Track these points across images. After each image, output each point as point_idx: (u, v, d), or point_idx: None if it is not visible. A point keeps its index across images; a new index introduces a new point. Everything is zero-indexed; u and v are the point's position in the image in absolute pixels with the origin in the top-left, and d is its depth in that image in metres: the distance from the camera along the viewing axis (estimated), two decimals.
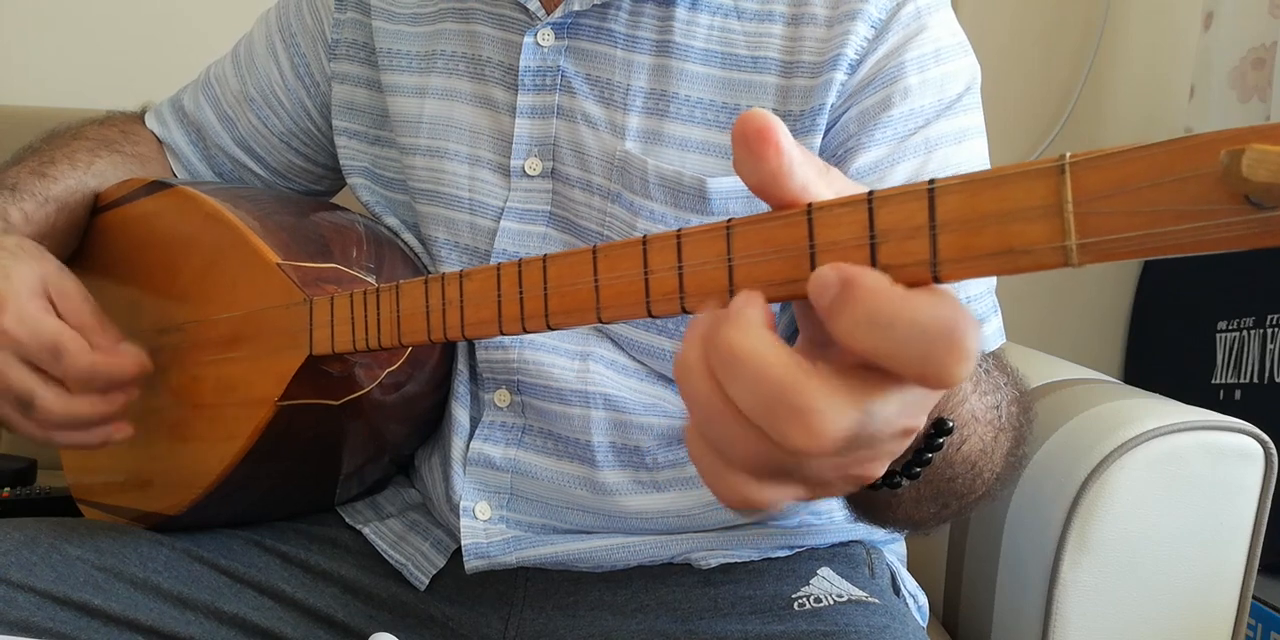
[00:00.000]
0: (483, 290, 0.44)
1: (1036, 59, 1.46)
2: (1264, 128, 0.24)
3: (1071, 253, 0.27)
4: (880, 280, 0.29)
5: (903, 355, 0.28)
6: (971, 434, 0.48)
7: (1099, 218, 0.26)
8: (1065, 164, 0.27)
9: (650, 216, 0.64)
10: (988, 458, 0.51)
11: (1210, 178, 0.25)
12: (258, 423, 0.60)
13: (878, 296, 0.28)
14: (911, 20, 0.63)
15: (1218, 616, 0.77)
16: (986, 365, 0.52)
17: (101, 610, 0.63)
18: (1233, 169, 0.24)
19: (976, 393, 0.48)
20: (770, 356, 0.29)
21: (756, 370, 0.29)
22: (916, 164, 0.62)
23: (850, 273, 0.29)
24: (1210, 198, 0.25)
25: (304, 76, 0.80)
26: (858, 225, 0.30)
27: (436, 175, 0.71)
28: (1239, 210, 0.24)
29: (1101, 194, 0.26)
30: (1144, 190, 0.26)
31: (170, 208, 0.71)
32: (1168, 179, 0.25)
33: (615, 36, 0.67)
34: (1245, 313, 1.23)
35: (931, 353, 0.28)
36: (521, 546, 0.68)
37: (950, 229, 0.29)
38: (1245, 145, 0.24)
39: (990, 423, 0.50)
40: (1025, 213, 0.28)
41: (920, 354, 0.28)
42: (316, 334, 0.57)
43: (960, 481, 0.51)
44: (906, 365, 0.28)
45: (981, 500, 0.55)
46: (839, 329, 0.29)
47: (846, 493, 0.34)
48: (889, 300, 0.28)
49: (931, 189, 0.29)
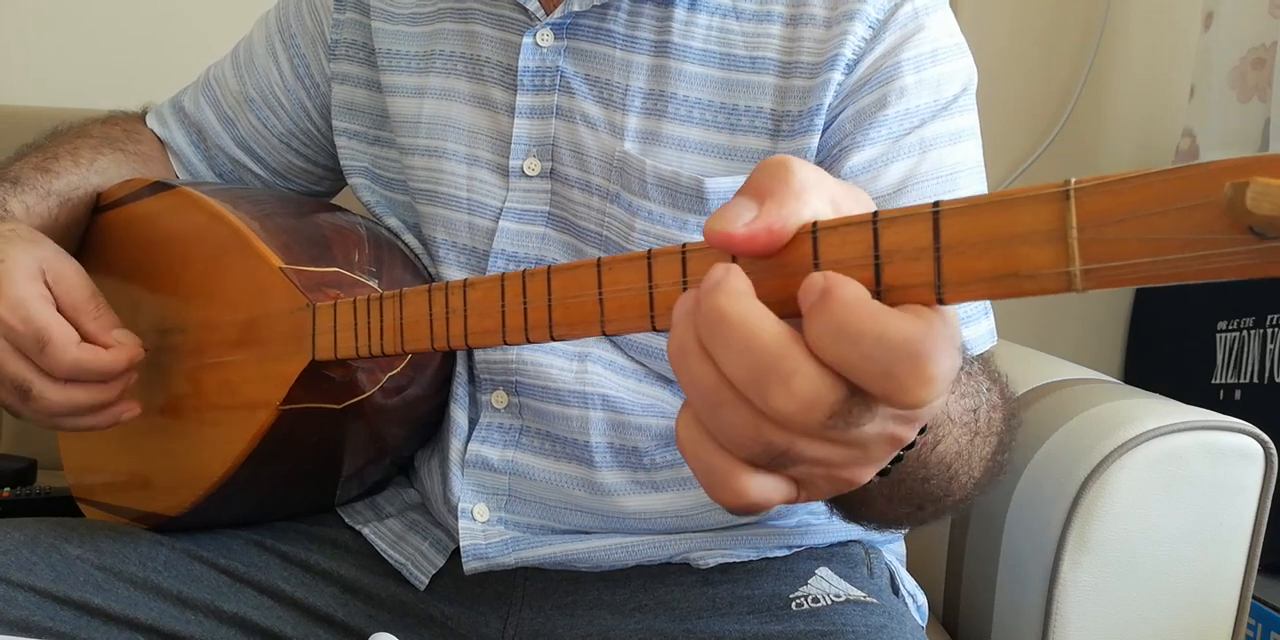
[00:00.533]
0: (486, 300, 0.44)
1: (1036, 59, 1.46)
2: (1271, 158, 0.24)
3: (1075, 278, 0.27)
4: (858, 293, 0.29)
5: (864, 369, 0.28)
6: (946, 435, 0.48)
7: (1103, 244, 0.26)
8: (1070, 190, 0.27)
9: (648, 217, 0.64)
10: (963, 461, 0.51)
11: (1215, 207, 0.25)
12: (259, 426, 0.60)
13: (850, 309, 0.29)
14: (909, 20, 0.63)
15: (1218, 616, 0.77)
16: (970, 368, 0.51)
17: (101, 610, 0.63)
18: (1236, 201, 0.24)
19: (954, 395, 0.47)
20: (760, 322, 0.30)
21: (746, 336, 0.30)
22: (910, 164, 0.62)
23: (832, 282, 0.29)
24: (1214, 227, 0.25)
25: (304, 77, 0.80)
26: (862, 245, 0.31)
27: (435, 175, 0.71)
28: (1242, 240, 0.24)
29: (1106, 220, 0.26)
30: (1149, 217, 0.26)
31: (172, 208, 0.71)
32: (1173, 207, 0.25)
33: (614, 37, 0.67)
34: (1245, 313, 1.23)
35: (893, 371, 0.28)
36: (520, 547, 0.68)
37: (955, 252, 0.29)
38: (1250, 178, 0.24)
39: (967, 426, 0.49)
40: (1029, 237, 0.28)
41: (881, 371, 0.28)
42: (319, 339, 0.57)
43: (935, 483, 0.51)
44: (869, 380, 0.28)
45: (959, 503, 0.54)
46: (810, 335, 0.29)
47: (831, 495, 0.34)
48: (861, 314, 0.29)
49: (936, 211, 0.29)
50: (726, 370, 0.30)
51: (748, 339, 0.30)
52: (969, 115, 0.65)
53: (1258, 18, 1.24)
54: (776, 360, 0.29)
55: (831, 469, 0.32)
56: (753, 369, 0.29)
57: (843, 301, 0.29)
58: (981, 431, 0.51)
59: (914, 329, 0.28)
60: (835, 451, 0.31)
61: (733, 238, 0.32)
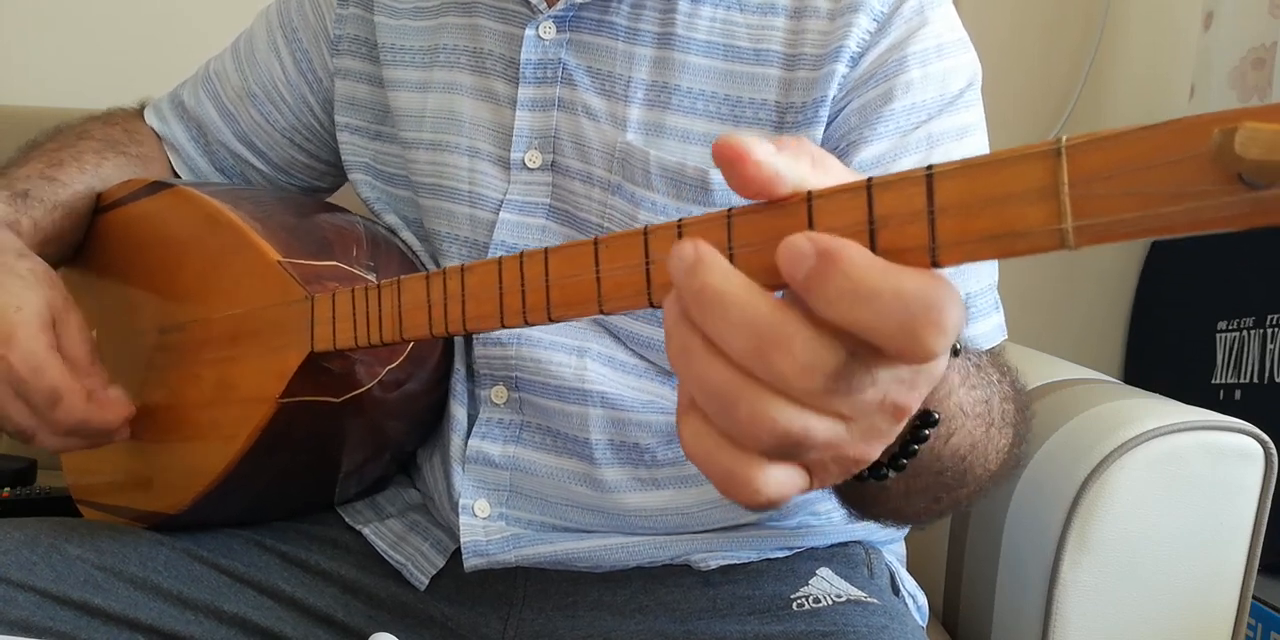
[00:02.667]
0: (484, 284, 0.44)
1: (1037, 58, 1.46)
2: (1257, 108, 0.24)
3: (1068, 235, 0.27)
4: (863, 252, 0.29)
5: (884, 327, 0.28)
6: (959, 427, 0.48)
7: (1095, 200, 0.27)
8: (1062, 147, 0.27)
9: (652, 207, 0.65)
10: (978, 452, 0.51)
11: (1204, 157, 0.25)
12: (259, 420, 0.60)
13: (861, 268, 0.28)
14: (914, 14, 0.63)
15: (1218, 616, 0.77)
16: (979, 360, 0.51)
17: (101, 610, 0.63)
18: (1225, 147, 0.24)
19: (965, 386, 0.47)
20: (752, 296, 0.30)
21: (743, 309, 0.29)
22: (918, 159, 0.62)
23: (829, 244, 0.29)
24: (1204, 178, 0.25)
25: (306, 72, 0.80)
26: (857, 211, 0.31)
27: (438, 168, 0.71)
28: (1233, 190, 0.24)
29: (1097, 176, 0.27)
30: (1139, 172, 0.26)
31: (171, 207, 0.71)
32: (1162, 160, 0.25)
33: (617, 29, 0.67)
34: (1245, 313, 1.23)
35: (910, 324, 0.28)
36: (520, 545, 0.68)
37: (948, 213, 0.29)
38: (1238, 123, 0.24)
39: (980, 417, 0.49)
40: (1022, 195, 0.28)
41: (898, 325, 0.28)
42: (318, 330, 0.57)
43: (949, 475, 0.51)
44: (887, 338, 0.28)
45: (974, 495, 0.54)
46: (819, 300, 0.29)
47: (842, 478, 0.34)
48: (873, 272, 0.28)
49: (930, 174, 0.29)
50: (726, 346, 0.30)
51: (743, 309, 0.29)
52: (975, 110, 0.65)
53: (1258, 18, 1.24)
54: (774, 326, 0.29)
55: (840, 448, 0.32)
56: (752, 337, 0.29)
57: (852, 262, 0.28)
58: (995, 423, 0.51)
59: (925, 282, 0.28)
60: (841, 428, 0.31)
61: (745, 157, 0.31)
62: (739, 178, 0.31)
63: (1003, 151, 0.29)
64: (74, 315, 0.66)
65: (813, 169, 0.32)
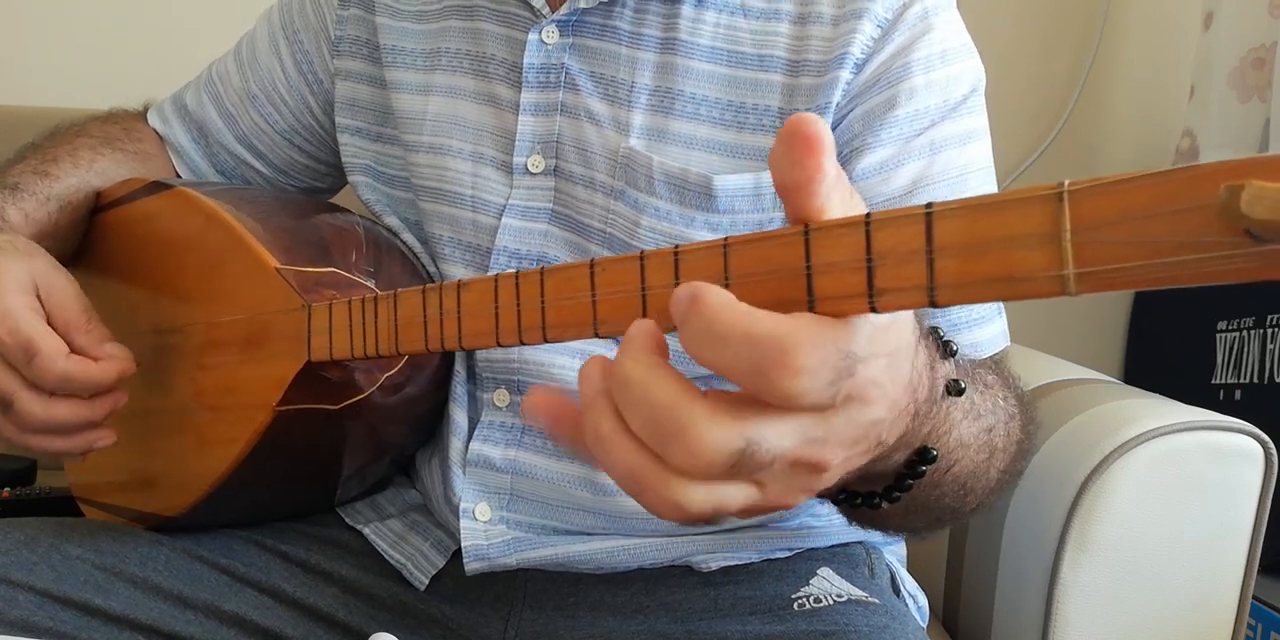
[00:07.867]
0: (480, 301, 0.44)
1: (1036, 59, 1.46)
2: (1266, 160, 0.24)
3: (1069, 282, 0.27)
4: (724, 296, 0.30)
5: (737, 368, 0.30)
6: (960, 458, 0.47)
7: (1097, 247, 0.26)
8: (1064, 192, 0.27)
9: (655, 213, 0.64)
10: (979, 478, 0.50)
11: (1210, 210, 0.24)
12: (256, 427, 0.60)
13: (716, 310, 0.30)
14: (918, 21, 0.63)
15: (1218, 616, 0.77)
16: (986, 381, 0.50)
17: (102, 610, 0.63)
18: (1231, 204, 0.23)
19: (968, 419, 0.46)
20: (656, 381, 0.31)
21: (643, 393, 0.31)
22: (922, 165, 0.62)
23: (697, 289, 0.31)
24: (1209, 230, 0.24)
25: (307, 73, 0.80)
26: (855, 247, 0.30)
27: (440, 172, 0.71)
28: (1238, 243, 0.24)
29: (1100, 223, 0.26)
30: (1143, 220, 0.25)
31: (170, 208, 0.71)
32: (1167, 209, 0.25)
33: (620, 34, 0.67)
34: (1245, 313, 1.23)
35: (760, 367, 0.29)
36: (521, 548, 0.68)
37: (948, 254, 0.29)
38: (1244, 181, 0.23)
39: (983, 446, 0.49)
40: (1023, 240, 0.27)
41: (750, 367, 0.29)
42: (314, 341, 0.57)
43: (949, 499, 0.50)
44: (743, 378, 0.30)
45: (976, 511, 0.54)
46: (688, 341, 0.31)
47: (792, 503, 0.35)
48: (727, 315, 0.30)
49: (929, 213, 0.29)
50: (630, 422, 0.32)
51: (645, 393, 0.31)
52: (978, 116, 0.65)
53: (1258, 18, 1.24)
54: (672, 415, 0.31)
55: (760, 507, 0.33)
56: (650, 422, 0.31)
57: (710, 305, 0.30)
58: (999, 448, 0.50)
59: (778, 325, 0.30)
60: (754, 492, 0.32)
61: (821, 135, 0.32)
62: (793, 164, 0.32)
63: (1004, 193, 0.28)
64: (61, 278, 0.64)
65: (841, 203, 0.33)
